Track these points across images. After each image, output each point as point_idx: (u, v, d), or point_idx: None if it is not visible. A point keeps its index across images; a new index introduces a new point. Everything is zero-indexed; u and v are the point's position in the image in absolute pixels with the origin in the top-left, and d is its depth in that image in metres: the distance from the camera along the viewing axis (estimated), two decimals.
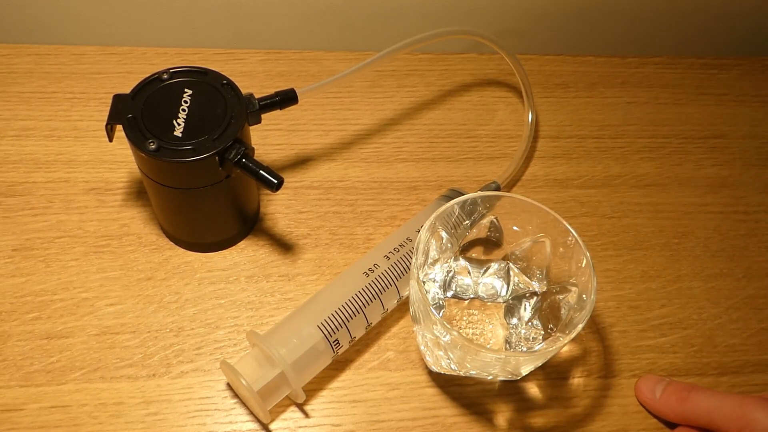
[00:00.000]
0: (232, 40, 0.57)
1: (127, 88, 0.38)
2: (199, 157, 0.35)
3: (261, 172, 0.37)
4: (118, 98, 0.37)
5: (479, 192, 0.38)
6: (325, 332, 0.36)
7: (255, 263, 0.43)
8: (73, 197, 0.45)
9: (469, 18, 0.58)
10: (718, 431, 0.35)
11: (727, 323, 0.43)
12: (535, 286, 0.40)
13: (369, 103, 0.53)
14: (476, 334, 0.40)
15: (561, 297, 0.38)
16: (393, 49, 0.44)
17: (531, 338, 0.39)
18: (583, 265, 0.35)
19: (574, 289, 0.36)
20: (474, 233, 0.41)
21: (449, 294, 0.41)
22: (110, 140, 0.38)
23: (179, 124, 0.36)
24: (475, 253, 0.42)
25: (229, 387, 0.38)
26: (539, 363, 0.35)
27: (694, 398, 0.36)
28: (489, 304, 0.41)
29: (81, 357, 0.38)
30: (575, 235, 0.36)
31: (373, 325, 0.39)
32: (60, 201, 0.44)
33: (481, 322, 0.40)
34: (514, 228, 0.40)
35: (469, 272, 0.41)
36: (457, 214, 0.39)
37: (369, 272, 0.38)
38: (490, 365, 0.33)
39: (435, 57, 0.57)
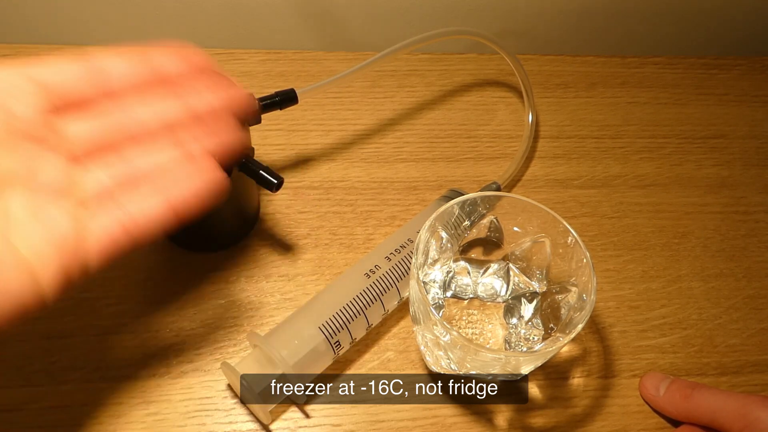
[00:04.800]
0: (232, 40, 0.57)
1: None
2: None
3: (261, 172, 0.37)
4: None
5: (479, 192, 0.38)
6: (327, 334, 0.36)
7: (255, 263, 0.43)
8: None
9: (469, 18, 0.58)
10: (721, 429, 0.35)
11: (727, 323, 0.43)
12: (535, 286, 0.40)
13: (369, 103, 0.53)
14: (476, 334, 0.40)
15: (561, 297, 0.38)
16: (393, 49, 0.44)
17: (531, 338, 0.39)
18: (583, 265, 0.35)
19: (574, 289, 0.36)
20: (474, 233, 0.41)
21: (449, 294, 0.41)
22: None
23: None
24: (475, 253, 0.42)
25: (230, 387, 0.38)
26: (539, 363, 0.35)
27: (698, 396, 0.36)
28: (489, 303, 0.41)
29: (81, 357, 0.38)
30: (575, 235, 0.36)
31: (373, 326, 0.39)
32: None
33: (481, 322, 0.40)
34: (514, 228, 0.40)
35: (468, 272, 0.41)
36: (456, 214, 0.39)
37: (370, 273, 0.38)
38: (489, 365, 0.33)
39: (435, 57, 0.57)
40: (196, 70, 0.29)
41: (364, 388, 0.39)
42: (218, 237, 0.43)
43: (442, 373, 0.37)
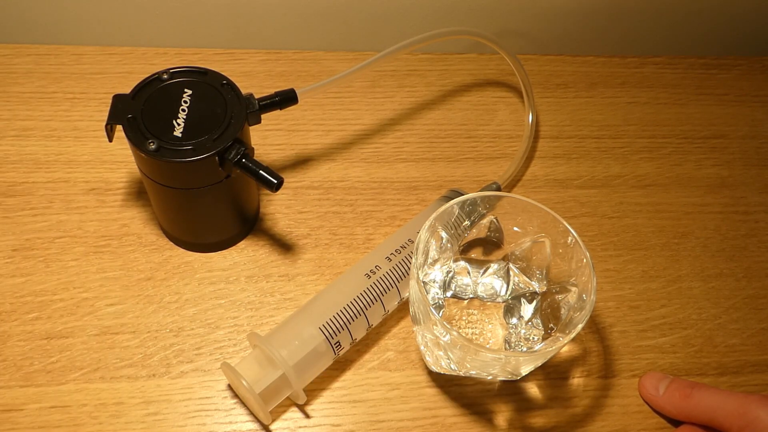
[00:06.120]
0: (232, 40, 0.57)
1: (127, 88, 0.38)
2: (199, 157, 0.35)
3: (261, 172, 0.37)
4: (118, 98, 0.37)
5: (479, 192, 0.38)
6: (327, 334, 0.36)
7: (255, 263, 0.43)
8: (73, 197, 0.45)
9: (469, 18, 0.58)
10: (721, 429, 0.35)
11: (727, 323, 0.43)
12: (535, 286, 0.40)
13: (369, 103, 0.53)
14: (476, 334, 0.40)
15: (561, 297, 0.38)
16: (393, 49, 0.44)
17: (531, 338, 0.39)
18: (583, 265, 0.35)
19: (574, 289, 0.36)
20: (474, 233, 0.41)
21: (449, 294, 0.41)
22: (110, 140, 0.37)
23: (179, 124, 0.36)
24: (475, 253, 0.42)
25: (230, 387, 0.38)
26: (539, 363, 0.35)
27: (697, 395, 0.36)
28: (488, 303, 0.41)
29: (81, 357, 0.38)
30: (575, 235, 0.36)
31: (374, 326, 0.39)
32: (60, 201, 0.44)
33: (481, 322, 0.40)
34: (514, 228, 0.40)
35: (468, 272, 0.41)
36: (456, 214, 0.39)
37: (371, 274, 0.38)
38: (489, 365, 0.33)
39: (435, 57, 0.57)
40: None
41: (364, 388, 0.39)
42: (218, 237, 0.43)
43: (442, 373, 0.37)
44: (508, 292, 0.40)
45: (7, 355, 0.38)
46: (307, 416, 0.37)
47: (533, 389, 0.39)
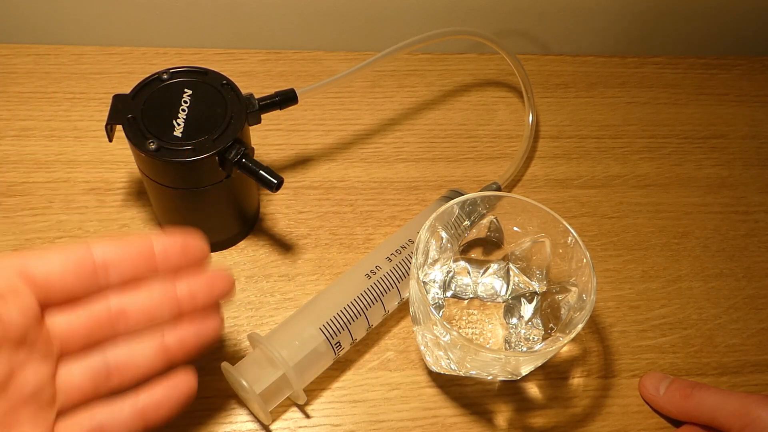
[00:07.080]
0: (232, 40, 0.57)
1: (127, 88, 0.38)
2: (199, 157, 0.35)
3: (261, 172, 0.37)
4: (118, 98, 0.37)
5: (479, 192, 0.38)
6: (327, 334, 0.36)
7: (255, 263, 0.43)
8: (73, 197, 0.45)
9: (469, 18, 0.58)
10: (721, 429, 0.35)
11: (727, 323, 0.43)
12: (535, 286, 0.40)
13: (369, 103, 0.53)
14: (476, 334, 0.40)
15: (561, 297, 0.38)
16: (393, 49, 0.44)
17: (531, 338, 0.39)
18: (583, 265, 0.35)
19: (574, 289, 0.36)
20: (474, 233, 0.41)
21: (449, 294, 0.41)
22: (110, 140, 0.37)
23: (179, 124, 0.36)
24: (475, 253, 0.42)
25: (230, 387, 0.38)
26: (539, 363, 0.35)
27: (698, 395, 0.36)
28: (488, 303, 0.41)
29: None
30: (575, 235, 0.36)
31: (374, 326, 0.39)
32: (60, 201, 0.44)
33: (481, 322, 0.40)
34: (514, 228, 0.40)
35: (468, 272, 0.41)
36: (456, 214, 0.39)
37: (371, 274, 0.38)
38: (489, 365, 0.33)
39: (435, 57, 0.57)
40: (190, 261, 0.30)
41: (364, 388, 0.39)
42: (218, 237, 0.43)
43: (442, 373, 0.37)
44: (508, 292, 0.41)
45: None
46: (307, 416, 0.37)
47: (533, 389, 0.39)
